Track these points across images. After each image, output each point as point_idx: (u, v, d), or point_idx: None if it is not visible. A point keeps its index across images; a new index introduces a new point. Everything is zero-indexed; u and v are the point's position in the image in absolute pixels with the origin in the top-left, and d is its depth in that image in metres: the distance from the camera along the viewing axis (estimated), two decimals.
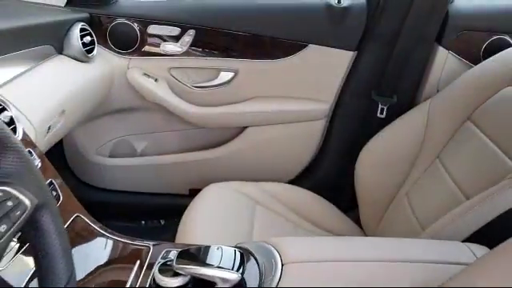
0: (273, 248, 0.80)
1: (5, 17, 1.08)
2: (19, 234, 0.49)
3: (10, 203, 0.44)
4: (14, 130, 0.89)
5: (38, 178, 0.49)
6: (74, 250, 0.65)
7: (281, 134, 1.65)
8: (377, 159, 1.41)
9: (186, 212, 1.31)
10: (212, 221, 1.28)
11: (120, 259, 0.83)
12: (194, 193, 1.44)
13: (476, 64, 1.31)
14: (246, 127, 1.66)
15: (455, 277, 0.60)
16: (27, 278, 0.67)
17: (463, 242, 0.85)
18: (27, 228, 0.47)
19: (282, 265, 0.75)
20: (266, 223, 1.33)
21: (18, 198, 0.45)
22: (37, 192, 0.48)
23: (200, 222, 1.27)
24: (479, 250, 0.78)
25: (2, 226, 0.43)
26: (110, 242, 0.88)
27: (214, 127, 1.68)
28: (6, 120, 0.87)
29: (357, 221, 1.47)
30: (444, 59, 1.46)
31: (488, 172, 1.03)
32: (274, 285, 0.71)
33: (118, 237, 0.88)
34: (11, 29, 1.03)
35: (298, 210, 1.43)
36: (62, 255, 0.50)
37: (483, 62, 1.27)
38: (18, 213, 0.45)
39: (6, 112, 0.88)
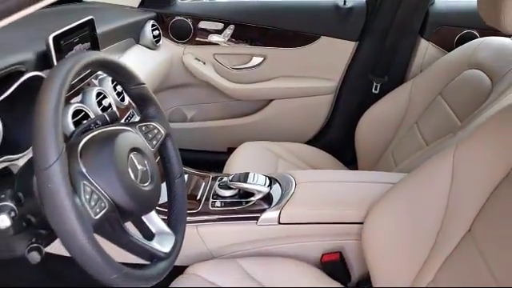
0: (290, 176, 1.16)
1: (102, 19, 1.36)
2: None
3: (155, 131, 0.81)
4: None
5: (165, 119, 0.86)
6: None
7: (299, 105, 1.88)
8: (372, 125, 1.64)
9: (227, 163, 1.56)
10: (245, 169, 1.52)
11: (194, 182, 1.19)
12: (231, 150, 1.66)
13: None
14: (272, 100, 1.89)
15: None
16: None
17: None
18: (160, 146, 0.84)
19: (296, 184, 1.12)
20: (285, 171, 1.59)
21: (159, 128, 0.81)
22: (165, 126, 0.84)
23: (237, 171, 1.52)
24: None
25: (154, 142, 0.79)
26: (186, 175, 1.24)
27: (247, 99, 1.92)
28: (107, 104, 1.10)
29: None
30: (425, 48, 1.69)
31: (443, 130, 1.28)
32: (290, 194, 1.08)
33: (193, 170, 1.24)
34: (111, 29, 1.35)
35: (310, 163, 1.66)
36: (177, 163, 0.86)
37: (453, 51, 1.48)
38: (159, 136, 0.81)
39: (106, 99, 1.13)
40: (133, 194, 0.65)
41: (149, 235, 0.74)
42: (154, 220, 0.76)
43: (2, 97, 0.74)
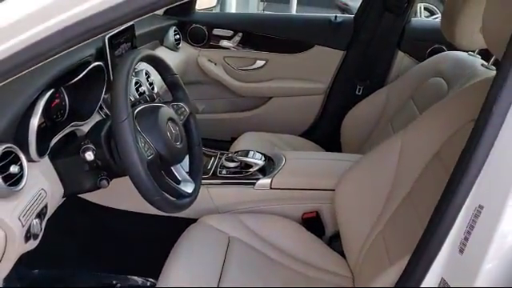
0: (281, 154, 1.44)
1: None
2: None
3: (183, 109, 1.08)
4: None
5: (190, 102, 1.13)
6: None
7: (294, 102, 2.11)
8: (355, 122, 1.87)
9: (230, 149, 1.77)
10: None
11: (206, 158, 1.45)
12: (233, 139, 1.88)
13: None
14: (271, 97, 2.13)
15: None
16: None
17: None
18: (185, 121, 1.11)
19: (286, 159, 1.39)
20: None
21: (185, 108, 1.09)
22: (190, 107, 1.12)
23: None
24: None
25: (181, 117, 1.07)
26: None
27: (250, 96, 2.15)
28: (142, 91, 1.38)
29: None
30: (402, 58, 1.94)
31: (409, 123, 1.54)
32: (280, 167, 1.35)
33: (205, 149, 1.48)
34: (142, 33, 1.56)
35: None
36: (197, 135, 1.14)
37: (423, 62, 1.72)
38: (185, 113, 1.09)
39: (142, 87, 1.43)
40: (170, 148, 0.93)
41: (176, 181, 1.02)
42: (180, 170, 1.04)
43: (76, 79, 1.02)
